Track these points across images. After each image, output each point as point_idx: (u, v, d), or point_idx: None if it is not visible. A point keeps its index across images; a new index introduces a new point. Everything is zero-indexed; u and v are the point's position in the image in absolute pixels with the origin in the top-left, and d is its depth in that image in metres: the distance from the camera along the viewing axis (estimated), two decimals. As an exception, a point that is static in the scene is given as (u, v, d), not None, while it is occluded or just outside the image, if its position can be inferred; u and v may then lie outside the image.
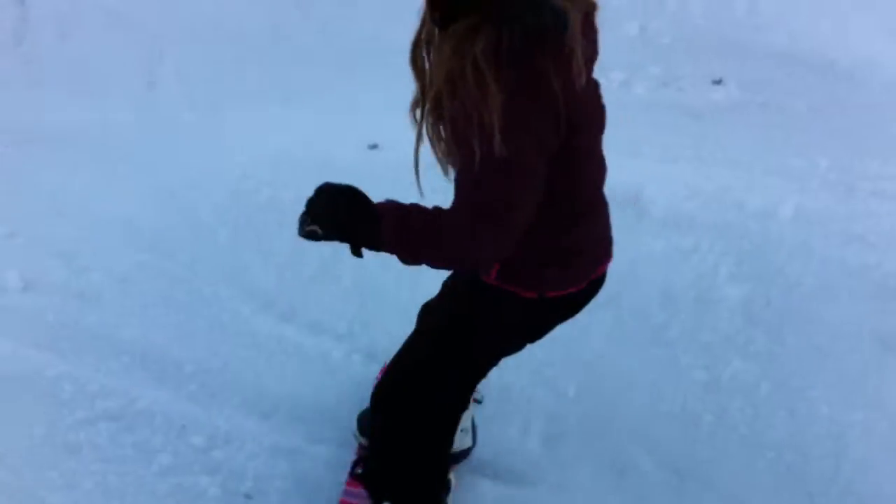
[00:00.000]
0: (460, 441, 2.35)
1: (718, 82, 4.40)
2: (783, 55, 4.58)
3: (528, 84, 1.41)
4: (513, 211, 1.48)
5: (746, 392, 2.88)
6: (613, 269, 3.06)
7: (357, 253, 1.66)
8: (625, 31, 4.64)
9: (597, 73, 1.80)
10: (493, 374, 2.14)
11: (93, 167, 3.70)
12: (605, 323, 3.07)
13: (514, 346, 1.99)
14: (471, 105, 1.39)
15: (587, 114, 1.65)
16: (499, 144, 1.39)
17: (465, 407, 2.24)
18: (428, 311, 2.09)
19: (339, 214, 1.63)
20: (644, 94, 4.29)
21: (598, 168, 1.79)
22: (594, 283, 1.89)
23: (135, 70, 4.41)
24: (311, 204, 1.66)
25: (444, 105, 1.46)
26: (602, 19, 5.00)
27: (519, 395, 2.88)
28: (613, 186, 3.45)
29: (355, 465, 2.43)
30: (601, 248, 1.89)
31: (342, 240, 1.65)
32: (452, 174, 1.59)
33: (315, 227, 1.64)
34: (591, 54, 1.65)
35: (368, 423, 2.38)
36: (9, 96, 4.13)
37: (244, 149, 3.78)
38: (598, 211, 1.85)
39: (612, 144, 3.66)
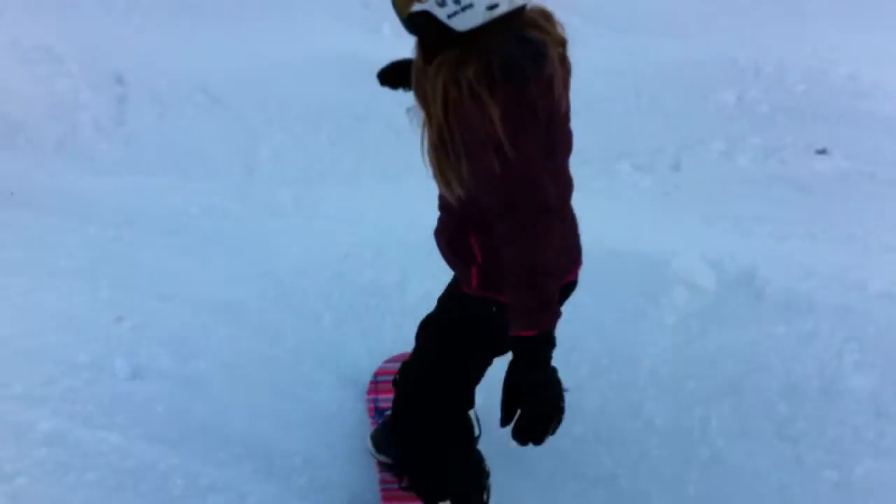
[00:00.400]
0: None
1: (822, 152, 4.27)
2: (888, 122, 4.44)
3: (520, 98, 1.61)
4: (544, 197, 1.66)
5: (881, 494, 2.70)
6: (731, 353, 2.91)
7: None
8: (722, 101, 4.57)
9: (695, 143, 1.77)
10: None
11: (195, 251, 3.71)
12: (724, 416, 2.93)
13: (499, 348, 2.07)
14: (472, 122, 1.61)
15: (563, 136, 1.86)
16: (509, 149, 1.59)
17: (471, 404, 2.37)
18: (423, 327, 2.33)
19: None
20: (747, 166, 4.19)
21: (568, 185, 1.95)
22: (566, 287, 2.00)
23: (232, 153, 4.48)
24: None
25: (446, 131, 1.68)
26: (697, 88, 4.98)
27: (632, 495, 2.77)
28: (725, 263, 3.41)
29: (392, 479, 2.62)
30: (572, 255, 2.03)
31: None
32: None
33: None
34: (565, 84, 1.80)
35: (383, 439, 2.65)
36: (111, 179, 4.22)
37: (345, 229, 3.78)
38: (565, 224, 1.93)
39: (720, 219, 3.57)
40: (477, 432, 2.47)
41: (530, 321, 1.68)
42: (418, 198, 3.96)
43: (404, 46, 1.87)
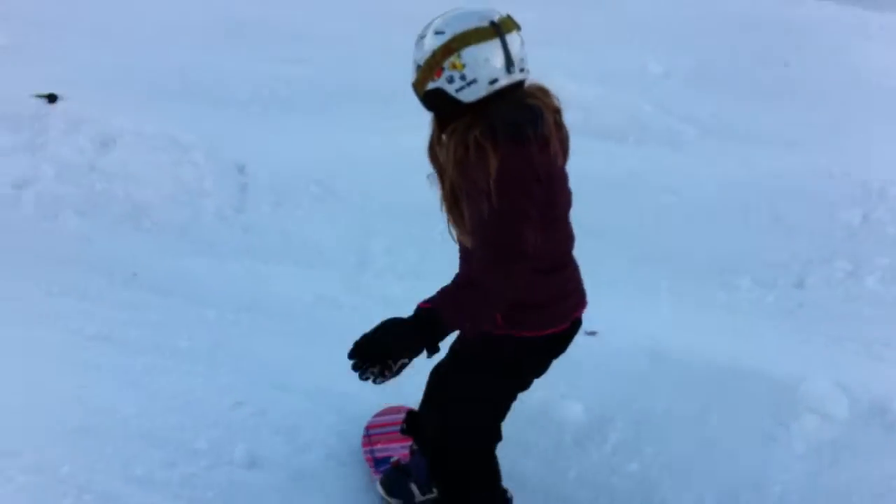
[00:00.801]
0: None
1: (953, 278, 4.10)
2: None
3: (519, 153, 1.88)
4: (520, 244, 1.88)
5: None
6: (865, 486, 2.72)
7: (432, 352, 1.95)
8: (846, 220, 4.45)
9: (819, 261, 1.69)
10: None
11: (309, 339, 3.72)
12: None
13: (514, 383, 2.29)
14: (476, 174, 1.88)
15: (563, 191, 2.11)
16: (499, 197, 1.84)
17: (497, 437, 2.43)
18: (435, 374, 2.42)
19: (391, 342, 1.92)
20: (874, 288, 4.04)
21: (567, 237, 2.21)
22: (572, 325, 2.26)
23: (346, 244, 4.54)
24: (365, 357, 1.93)
25: (457, 186, 1.98)
26: (820, 204, 4.87)
27: None
28: (856, 391, 3.25)
29: None
30: (573, 299, 2.26)
31: (415, 353, 1.92)
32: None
33: (390, 363, 1.91)
34: (564, 145, 2.08)
35: (391, 483, 2.72)
36: (230, 263, 4.30)
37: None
38: (568, 269, 2.23)
39: (848, 342, 3.41)
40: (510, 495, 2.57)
41: (451, 318, 1.91)
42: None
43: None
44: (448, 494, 2.50)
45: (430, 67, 2.00)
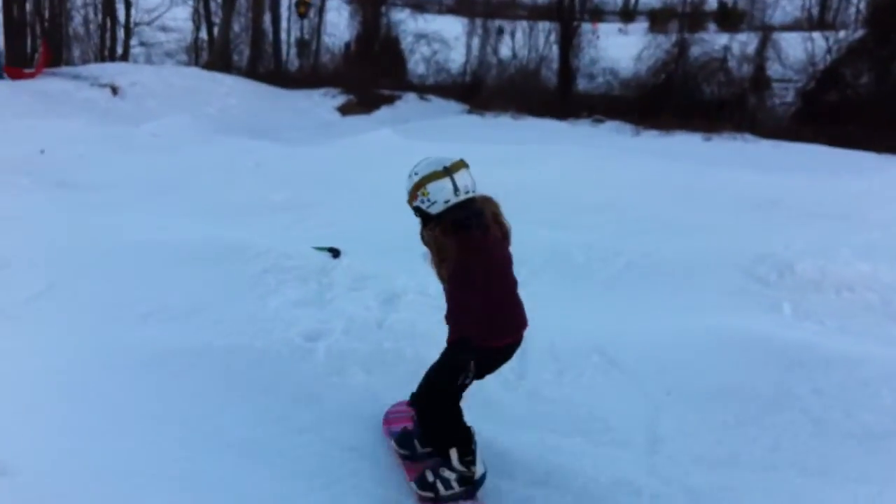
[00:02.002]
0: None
1: None
2: None
3: (465, 238, 3.23)
4: (468, 297, 3.28)
5: None
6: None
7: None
8: None
9: None
10: None
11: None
12: None
13: (478, 370, 3.45)
14: (445, 252, 3.24)
15: (500, 261, 3.44)
16: (457, 262, 3.23)
17: (458, 396, 3.60)
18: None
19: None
20: None
21: (509, 286, 3.53)
22: (510, 346, 3.56)
23: (635, 420, 4.28)
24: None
25: (437, 258, 3.31)
26: None
27: None
28: None
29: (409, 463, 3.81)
30: (511, 325, 3.52)
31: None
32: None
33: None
34: (503, 234, 3.44)
35: (400, 441, 3.87)
36: (518, 432, 4.16)
37: None
38: (509, 305, 3.52)
39: None
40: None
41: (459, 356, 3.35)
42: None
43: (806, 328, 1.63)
44: (426, 429, 3.72)
45: (411, 195, 3.35)
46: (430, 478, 3.57)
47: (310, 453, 3.80)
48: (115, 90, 15.79)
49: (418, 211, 3.34)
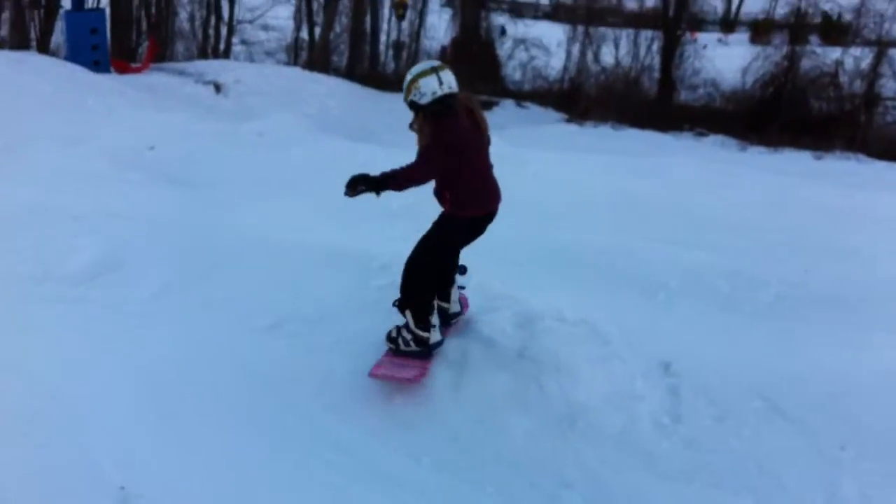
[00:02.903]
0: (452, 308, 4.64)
1: None
2: None
3: (437, 125, 3.97)
4: (430, 163, 3.97)
5: None
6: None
7: (378, 192, 4.04)
8: None
9: None
10: None
11: None
12: None
13: (463, 236, 4.29)
14: (425, 133, 4.03)
15: (472, 144, 4.06)
16: (430, 141, 3.97)
17: (440, 263, 4.35)
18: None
19: (366, 181, 3.99)
20: None
21: (483, 165, 4.18)
22: (489, 215, 4.25)
23: (809, 479, 3.80)
24: (353, 182, 3.99)
25: (420, 136, 4.08)
26: None
27: None
28: None
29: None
30: (490, 198, 4.22)
31: (369, 189, 4.01)
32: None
33: (361, 188, 3.98)
34: (473, 119, 4.10)
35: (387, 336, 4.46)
36: (676, 485, 3.71)
37: None
38: (486, 183, 4.20)
39: None
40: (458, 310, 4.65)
41: (390, 179, 4.00)
42: None
43: None
44: (404, 294, 4.23)
45: (407, 91, 4.04)
46: (394, 333, 4.34)
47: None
48: (218, 87, 15.77)
49: (412, 105, 4.04)
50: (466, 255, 5.64)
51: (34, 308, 4.84)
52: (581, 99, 21.65)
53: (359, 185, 3.93)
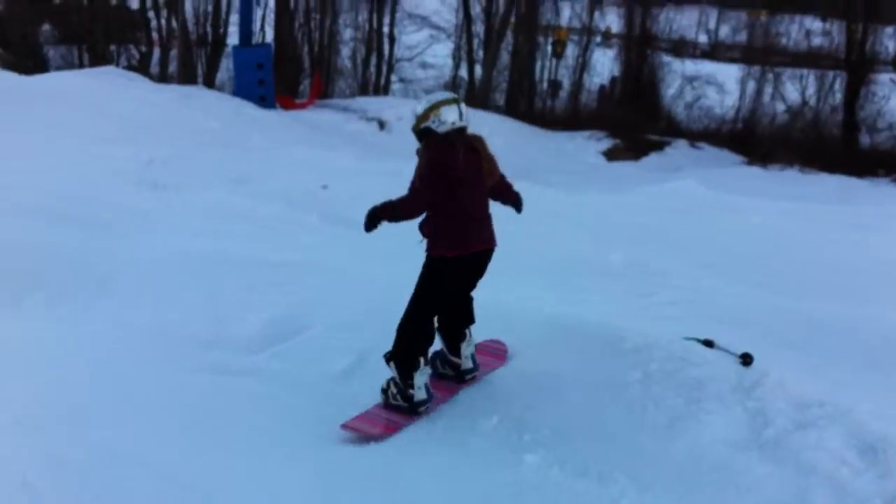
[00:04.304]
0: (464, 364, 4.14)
1: None
2: None
3: (431, 156, 3.75)
4: (420, 197, 3.73)
5: None
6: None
7: (374, 225, 3.83)
8: None
9: None
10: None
11: None
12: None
13: (446, 282, 3.86)
14: (420, 161, 3.80)
15: (465, 179, 3.76)
16: (422, 172, 3.73)
17: (431, 315, 3.95)
18: None
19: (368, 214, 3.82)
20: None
21: (472, 203, 3.83)
22: (477, 255, 3.86)
23: None
24: (374, 219, 3.80)
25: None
26: None
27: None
28: None
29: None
30: (478, 239, 3.85)
31: (370, 222, 3.81)
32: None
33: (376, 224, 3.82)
34: (479, 161, 3.86)
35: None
36: None
37: None
38: (474, 221, 3.85)
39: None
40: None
41: (386, 210, 3.75)
42: None
43: None
44: (393, 346, 3.91)
45: (423, 117, 3.82)
46: (385, 385, 3.97)
47: None
48: (381, 124, 15.25)
49: (425, 132, 3.81)
50: (702, 324, 4.40)
51: (198, 384, 3.97)
52: (757, 140, 20.03)
53: (366, 218, 3.80)
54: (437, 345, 4.07)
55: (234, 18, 20.72)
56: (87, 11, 20.19)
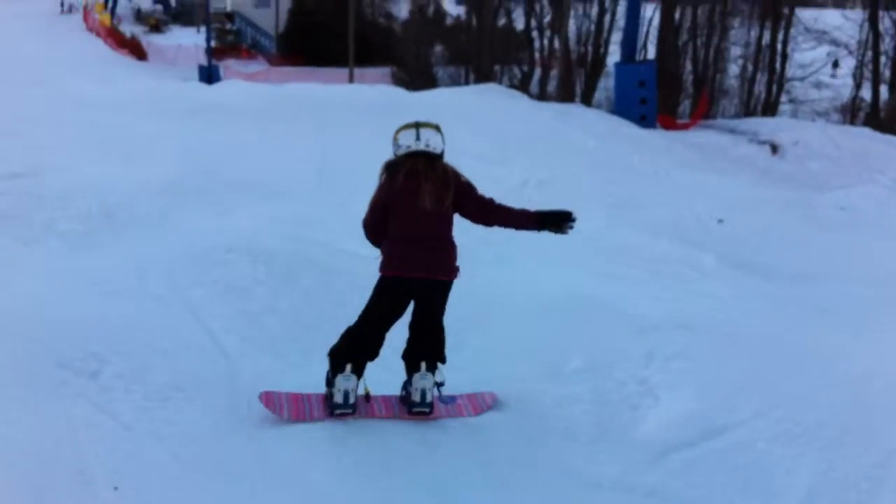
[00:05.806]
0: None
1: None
2: None
3: (382, 181, 3.77)
4: (365, 218, 3.84)
5: None
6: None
7: None
8: None
9: None
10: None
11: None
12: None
13: (379, 299, 3.81)
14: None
15: (401, 201, 3.71)
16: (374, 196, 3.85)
17: (368, 328, 3.84)
18: None
19: None
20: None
21: (414, 227, 3.73)
22: (414, 281, 3.75)
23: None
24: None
25: None
26: None
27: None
28: None
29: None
30: (417, 266, 3.72)
31: None
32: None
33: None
34: (412, 182, 3.72)
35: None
36: None
37: None
38: (411, 245, 3.73)
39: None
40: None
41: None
42: None
43: None
44: (332, 347, 3.87)
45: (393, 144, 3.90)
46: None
47: None
48: (774, 148, 13.48)
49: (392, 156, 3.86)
50: None
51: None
52: None
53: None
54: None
55: (615, 37, 20.14)
56: (474, 32, 20.81)
